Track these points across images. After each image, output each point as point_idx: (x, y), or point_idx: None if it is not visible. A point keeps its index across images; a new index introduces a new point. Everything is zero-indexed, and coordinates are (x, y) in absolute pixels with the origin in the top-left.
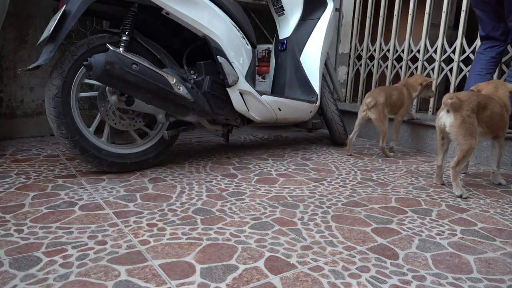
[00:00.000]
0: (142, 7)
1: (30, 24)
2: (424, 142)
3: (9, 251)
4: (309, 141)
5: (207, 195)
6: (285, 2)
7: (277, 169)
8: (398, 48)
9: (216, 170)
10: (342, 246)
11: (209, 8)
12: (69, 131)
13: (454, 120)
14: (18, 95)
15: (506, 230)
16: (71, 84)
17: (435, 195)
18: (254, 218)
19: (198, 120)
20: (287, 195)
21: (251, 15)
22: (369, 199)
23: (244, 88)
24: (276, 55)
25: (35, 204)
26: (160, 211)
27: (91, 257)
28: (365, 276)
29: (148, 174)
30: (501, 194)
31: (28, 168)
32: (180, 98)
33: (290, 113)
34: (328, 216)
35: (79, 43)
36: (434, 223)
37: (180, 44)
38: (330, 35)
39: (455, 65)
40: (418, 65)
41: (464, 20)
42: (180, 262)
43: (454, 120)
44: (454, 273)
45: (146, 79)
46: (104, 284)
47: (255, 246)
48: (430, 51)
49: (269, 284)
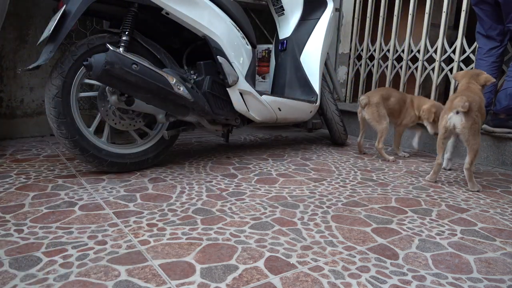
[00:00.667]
0: (142, 7)
1: (30, 24)
2: (424, 142)
3: (9, 251)
4: (309, 141)
5: (207, 195)
6: (285, 2)
7: (277, 169)
8: (398, 48)
9: (216, 170)
10: (342, 246)
11: (209, 8)
12: (69, 131)
13: (466, 121)
14: (18, 95)
15: (506, 230)
16: (71, 84)
17: (435, 195)
18: (254, 218)
19: (198, 120)
20: (287, 195)
21: (251, 15)
22: (369, 199)
23: (244, 88)
24: (276, 55)
25: (35, 204)
26: (160, 211)
27: (91, 257)
28: (365, 276)
29: (148, 174)
30: (501, 194)
31: (28, 168)
32: (180, 98)
33: (290, 113)
34: (328, 216)
35: (79, 43)
36: (434, 223)
37: (180, 44)
38: (330, 35)
39: (455, 65)
40: (418, 65)
41: (464, 20)
42: (180, 262)
43: (466, 121)
44: (454, 273)
45: (146, 79)
46: (104, 284)
47: (255, 246)
48: (430, 51)
49: (269, 284)
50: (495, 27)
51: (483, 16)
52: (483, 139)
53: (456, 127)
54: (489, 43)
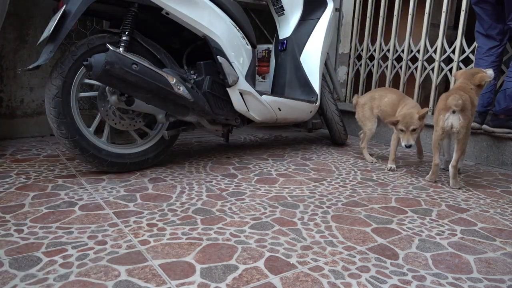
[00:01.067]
0: (142, 7)
1: (30, 24)
2: (424, 142)
3: (9, 251)
4: (309, 141)
5: (207, 195)
6: (285, 2)
7: (277, 169)
8: (398, 48)
9: (216, 170)
10: (342, 246)
11: (209, 8)
12: (69, 131)
13: (463, 120)
14: (18, 95)
15: (506, 230)
16: (71, 84)
17: (435, 195)
18: (254, 218)
19: (198, 120)
20: (287, 195)
21: (251, 15)
22: (369, 199)
23: (244, 88)
24: (276, 55)
25: (35, 204)
26: (160, 211)
27: (91, 257)
28: (365, 276)
29: (148, 174)
30: (501, 194)
31: (28, 168)
32: (180, 98)
33: (290, 113)
34: (328, 216)
35: (79, 43)
36: (434, 223)
37: (180, 44)
38: (330, 35)
39: (455, 65)
40: (418, 65)
41: (464, 20)
42: (180, 262)
43: (463, 120)
44: (454, 273)
45: (146, 79)
46: (104, 284)
47: (255, 246)
48: (430, 51)
49: (269, 284)
50: (494, 26)
51: (483, 15)
52: (483, 139)
53: (453, 127)
54: (489, 43)
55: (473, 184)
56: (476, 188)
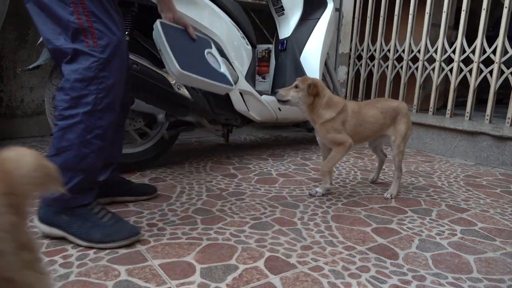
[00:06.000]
0: (142, 7)
1: (30, 24)
2: (424, 142)
3: None
4: (309, 141)
5: (207, 195)
6: (285, 2)
7: (277, 169)
8: (399, 48)
9: (216, 170)
10: (342, 246)
11: (209, 8)
12: None
13: None
14: (18, 95)
15: (506, 230)
16: None
17: (435, 195)
18: (254, 218)
19: (198, 120)
20: (287, 195)
21: (251, 15)
22: (369, 199)
23: (244, 88)
24: (276, 55)
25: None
26: (160, 211)
27: (91, 257)
28: (365, 276)
29: (148, 174)
30: (501, 194)
31: None
32: (180, 98)
33: (290, 113)
34: (328, 216)
35: None
36: (434, 223)
37: None
38: (330, 35)
39: (455, 65)
40: (418, 65)
41: (464, 20)
42: (180, 262)
43: None
44: (454, 273)
45: (146, 79)
46: (104, 284)
47: (255, 246)
48: (431, 51)
49: (269, 284)
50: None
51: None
52: (483, 139)
53: None
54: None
55: (473, 184)
56: (476, 188)
